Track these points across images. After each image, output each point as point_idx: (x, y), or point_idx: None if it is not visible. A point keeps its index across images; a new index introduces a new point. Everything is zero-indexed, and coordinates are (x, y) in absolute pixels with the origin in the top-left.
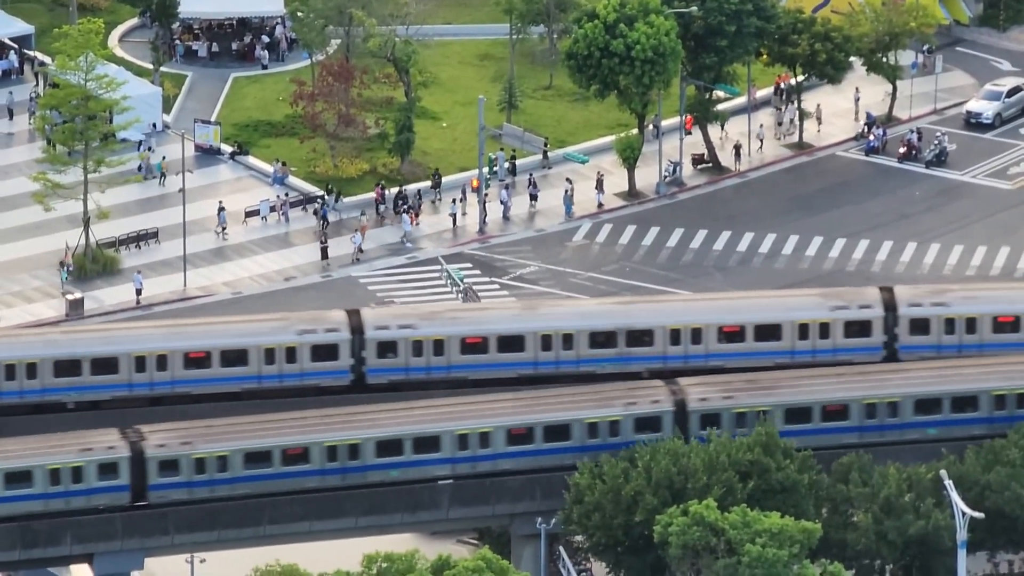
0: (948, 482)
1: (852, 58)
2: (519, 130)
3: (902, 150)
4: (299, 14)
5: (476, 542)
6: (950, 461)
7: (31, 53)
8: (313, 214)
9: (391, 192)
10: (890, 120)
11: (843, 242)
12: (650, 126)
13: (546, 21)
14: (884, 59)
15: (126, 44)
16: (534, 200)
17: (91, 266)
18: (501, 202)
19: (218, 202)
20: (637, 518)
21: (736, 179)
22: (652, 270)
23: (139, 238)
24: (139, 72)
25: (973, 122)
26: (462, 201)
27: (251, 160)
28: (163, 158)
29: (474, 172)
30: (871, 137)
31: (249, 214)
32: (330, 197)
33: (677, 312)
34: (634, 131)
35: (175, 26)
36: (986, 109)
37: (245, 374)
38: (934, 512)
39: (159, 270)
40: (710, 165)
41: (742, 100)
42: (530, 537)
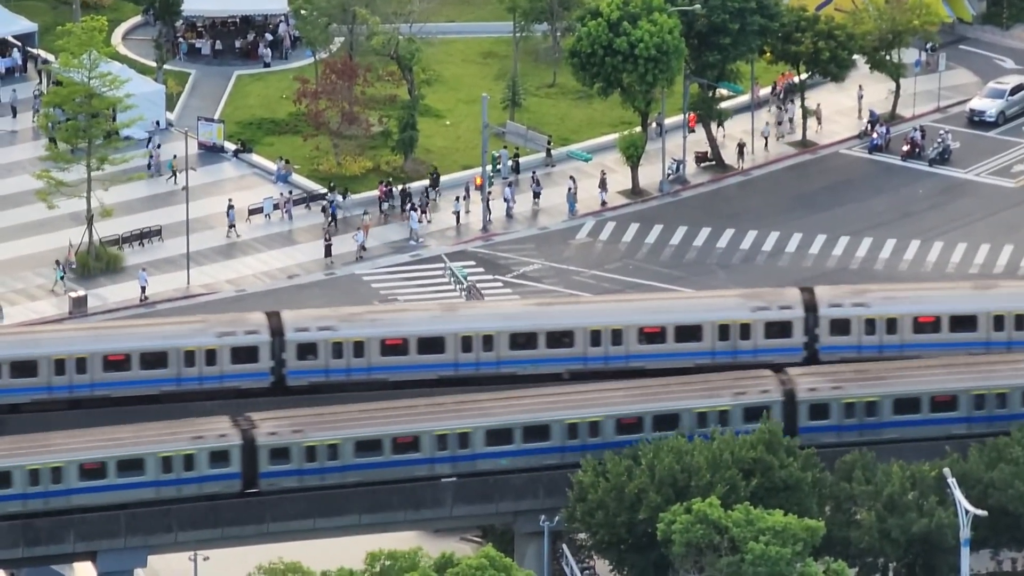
0: (951, 480)
1: (855, 56)
2: (522, 128)
3: (905, 148)
4: (302, 12)
5: (479, 540)
6: (953, 459)
7: (35, 51)
8: (322, 211)
9: (398, 190)
10: (893, 118)
11: (846, 240)
12: (653, 124)
13: (549, 19)
14: (887, 57)
15: (129, 42)
16: (537, 198)
17: (94, 264)
18: (504, 200)
19: (228, 200)
20: (640, 516)
21: (739, 177)
22: (655, 268)
23: (142, 236)
24: (142, 70)
25: (976, 120)
26: (465, 199)
27: (254, 158)
28: (174, 156)
29: (477, 170)
30: (874, 135)
31: (253, 212)
32: (333, 194)
33: (597, 313)
34: (637, 129)
35: (178, 24)
36: (989, 107)
37: (164, 376)
38: (937, 510)
39: (162, 268)
40: (713, 163)
41: (745, 98)
42: (533, 535)
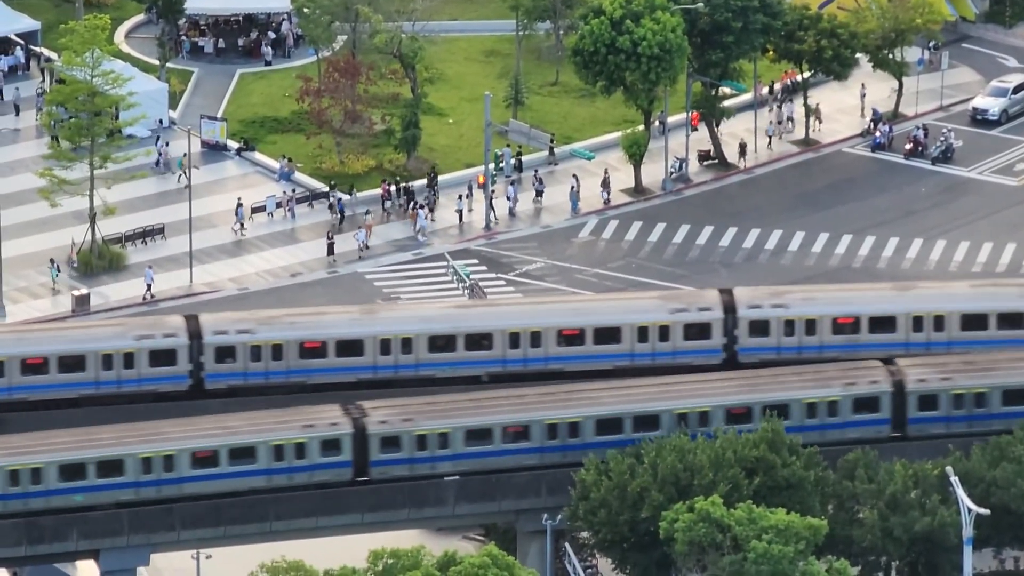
0: (954, 479)
1: (858, 55)
2: (525, 126)
3: (908, 146)
4: (305, 10)
5: (482, 538)
6: (956, 458)
7: (37, 49)
8: (329, 208)
9: (398, 188)
10: (896, 116)
11: (849, 238)
12: (656, 122)
13: (552, 17)
14: (890, 55)
15: (132, 40)
16: (540, 196)
17: (97, 262)
18: (507, 198)
19: (237, 198)
20: (643, 514)
21: (742, 175)
22: (658, 266)
23: (145, 234)
24: (145, 68)
25: (979, 118)
26: (468, 197)
27: (257, 156)
28: (184, 155)
29: (480, 168)
30: (877, 133)
31: (255, 210)
32: (338, 191)
33: (516, 315)
34: (640, 127)
35: (181, 22)
36: (992, 105)
37: (83, 380)
38: (940, 509)
39: (165, 266)
40: (716, 161)
41: (748, 96)
42: (536, 533)
